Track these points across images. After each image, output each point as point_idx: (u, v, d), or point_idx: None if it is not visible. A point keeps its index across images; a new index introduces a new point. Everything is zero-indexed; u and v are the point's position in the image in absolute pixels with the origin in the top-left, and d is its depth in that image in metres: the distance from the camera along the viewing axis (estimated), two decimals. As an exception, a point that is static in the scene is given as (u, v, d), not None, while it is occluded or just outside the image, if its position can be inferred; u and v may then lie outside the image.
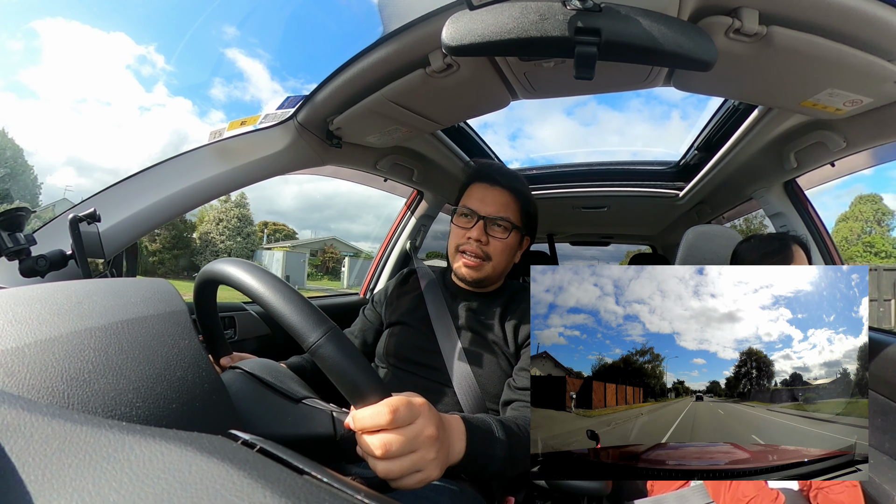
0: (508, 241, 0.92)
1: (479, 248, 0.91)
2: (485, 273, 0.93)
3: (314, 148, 1.21)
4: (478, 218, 0.91)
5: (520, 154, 19.87)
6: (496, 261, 0.92)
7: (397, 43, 0.87)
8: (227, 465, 0.23)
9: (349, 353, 0.41)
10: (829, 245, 1.43)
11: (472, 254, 0.91)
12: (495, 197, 0.93)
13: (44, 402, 0.29)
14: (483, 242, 0.90)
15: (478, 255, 0.91)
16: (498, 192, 0.93)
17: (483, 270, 0.92)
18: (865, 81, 0.82)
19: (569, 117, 63.72)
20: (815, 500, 0.90)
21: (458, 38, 0.64)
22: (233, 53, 31.99)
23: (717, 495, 0.88)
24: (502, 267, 0.95)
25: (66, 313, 0.36)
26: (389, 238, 2.06)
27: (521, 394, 0.82)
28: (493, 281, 0.98)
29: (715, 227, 1.32)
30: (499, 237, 0.91)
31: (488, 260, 0.92)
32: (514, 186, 0.94)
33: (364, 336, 1.05)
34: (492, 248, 0.91)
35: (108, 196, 0.97)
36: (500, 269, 0.95)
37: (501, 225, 0.91)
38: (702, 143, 1.54)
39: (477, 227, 0.90)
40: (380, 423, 0.42)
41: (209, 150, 1.09)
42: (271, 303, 0.41)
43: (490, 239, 0.91)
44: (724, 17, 0.72)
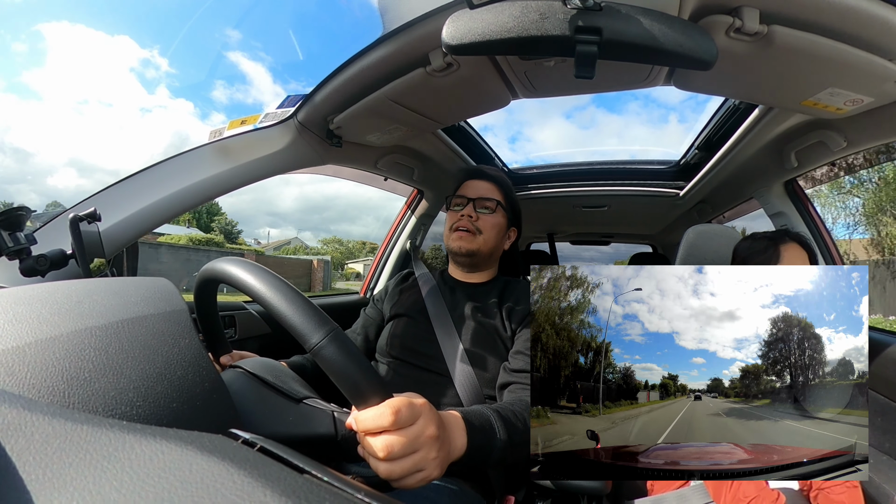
0: (496, 218, 1.05)
1: (470, 223, 1.03)
2: (476, 245, 1.03)
3: (314, 147, 1.21)
4: (468, 200, 1.05)
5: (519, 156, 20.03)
6: (486, 235, 1.04)
7: (397, 42, 0.87)
8: (228, 464, 0.23)
9: (351, 355, 0.41)
10: (830, 244, 1.43)
11: (465, 228, 1.03)
12: (482, 185, 1.08)
13: (44, 401, 0.29)
14: (473, 218, 1.04)
15: (469, 228, 1.03)
16: (484, 182, 1.08)
17: (475, 242, 1.03)
18: (866, 81, 0.82)
19: (568, 120, 63.76)
20: (816, 500, 0.90)
21: (459, 37, 0.64)
22: (235, 56, 32.07)
23: (717, 496, 0.88)
24: (492, 242, 1.05)
25: (67, 312, 0.36)
26: (389, 237, 2.06)
27: (517, 376, 0.84)
28: (485, 259, 1.06)
29: (715, 227, 1.31)
30: (486, 213, 1.05)
31: (479, 233, 1.03)
32: (497, 178, 1.10)
33: (366, 332, 1.10)
34: (481, 223, 1.04)
35: (109, 195, 0.97)
36: (491, 245, 1.05)
37: (488, 205, 1.05)
38: (702, 142, 1.54)
39: (468, 207, 1.04)
40: (382, 424, 0.42)
41: (209, 150, 1.09)
42: (273, 303, 0.41)
43: (479, 216, 1.04)
44: (724, 16, 0.71)
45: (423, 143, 1.52)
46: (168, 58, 26.20)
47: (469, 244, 1.02)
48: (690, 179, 1.80)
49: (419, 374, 0.92)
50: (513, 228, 1.12)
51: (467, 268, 1.07)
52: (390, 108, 1.07)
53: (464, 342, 0.93)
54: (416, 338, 0.97)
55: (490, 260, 1.08)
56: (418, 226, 2.01)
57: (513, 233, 1.13)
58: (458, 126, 1.56)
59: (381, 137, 1.26)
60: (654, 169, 1.95)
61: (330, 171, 1.49)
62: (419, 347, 0.95)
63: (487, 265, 1.09)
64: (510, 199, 1.09)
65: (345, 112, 1.09)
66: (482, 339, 0.94)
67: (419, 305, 1.03)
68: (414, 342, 0.96)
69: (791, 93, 0.91)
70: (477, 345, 0.93)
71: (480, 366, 0.91)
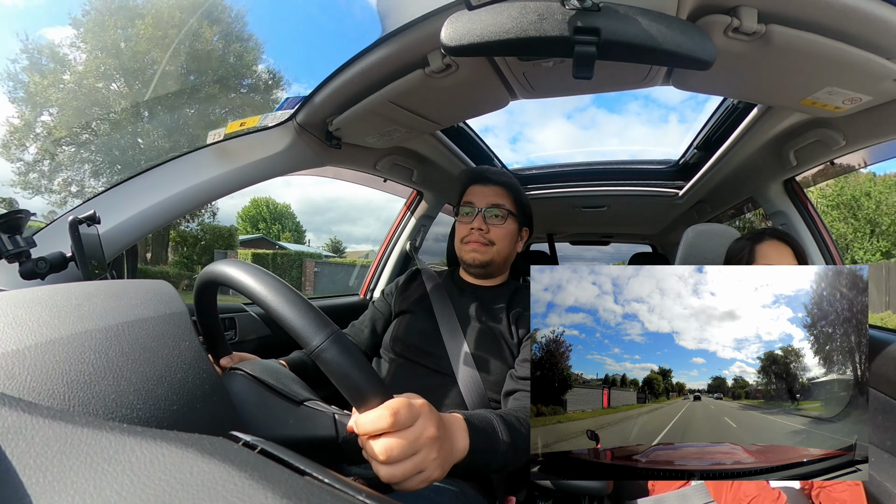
0: (507, 226, 1.02)
1: (481, 235, 1.00)
2: (490, 256, 1.01)
3: (313, 149, 1.21)
4: (477, 211, 1.01)
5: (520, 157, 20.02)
6: (499, 245, 1.01)
7: (396, 43, 0.87)
8: (229, 466, 0.23)
9: (352, 357, 0.41)
10: (829, 242, 1.43)
11: (477, 242, 1.00)
12: (490, 192, 1.04)
13: (45, 404, 0.29)
14: (484, 231, 1.00)
15: (481, 241, 1.00)
16: (491, 188, 1.04)
17: (489, 253, 1.01)
18: (865, 79, 0.82)
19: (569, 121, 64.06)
20: (818, 498, 0.90)
21: (457, 38, 0.64)
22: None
23: (718, 495, 0.88)
24: (505, 252, 1.03)
25: (67, 315, 0.36)
26: (389, 239, 2.06)
27: (522, 384, 0.84)
28: (499, 267, 1.05)
29: (715, 226, 1.31)
30: (498, 224, 1.02)
31: (492, 245, 1.01)
32: (505, 181, 1.06)
33: (374, 325, 1.10)
34: (493, 235, 1.01)
35: (108, 198, 0.97)
36: (504, 254, 1.03)
37: (499, 214, 1.01)
38: (701, 141, 1.54)
39: (477, 219, 1.01)
40: (381, 426, 0.42)
41: (209, 152, 1.09)
42: (273, 306, 0.41)
43: (490, 227, 1.01)
44: (722, 16, 0.71)
45: (422, 145, 1.52)
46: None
47: (483, 256, 1.00)
48: (690, 179, 1.80)
49: (423, 373, 0.92)
50: (525, 229, 1.10)
51: (481, 277, 1.07)
52: (389, 110, 1.07)
53: (469, 344, 0.93)
54: (421, 335, 0.97)
55: (504, 266, 1.07)
56: (418, 227, 2.01)
57: (525, 233, 1.10)
58: (457, 127, 1.56)
59: (380, 139, 1.26)
60: (653, 169, 1.95)
61: (330, 172, 1.49)
62: (424, 345, 0.95)
63: (501, 271, 1.08)
64: (520, 201, 1.06)
65: (344, 114, 1.09)
66: (487, 342, 0.93)
67: (425, 303, 1.03)
68: (419, 340, 0.96)
69: (789, 92, 0.91)
70: (482, 348, 0.93)
71: (484, 369, 0.90)
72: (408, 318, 1.02)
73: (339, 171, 1.49)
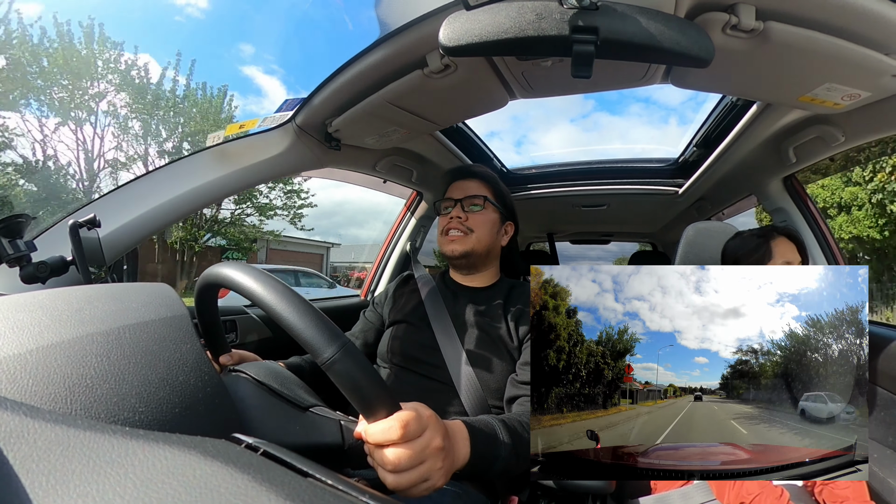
0: (486, 214, 1.02)
1: (460, 223, 1.00)
2: (470, 245, 1.00)
3: (313, 150, 1.21)
4: (455, 202, 1.03)
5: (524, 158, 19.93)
6: (479, 232, 1.00)
7: (394, 44, 0.87)
8: (231, 468, 0.23)
9: (363, 369, 0.41)
10: (829, 240, 1.43)
11: (456, 229, 1.00)
12: (468, 184, 1.05)
13: (46, 408, 0.29)
14: (463, 219, 1.01)
15: (460, 229, 1.00)
16: (470, 182, 1.06)
17: (468, 242, 1.00)
18: (863, 75, 0.82)
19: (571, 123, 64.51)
20: (821, 495, 0.90)
21: (455, 38, 0.64)
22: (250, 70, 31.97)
23: (721, 493, 0.88)
24: (486, 240, 1.02)
25: (68, 319, 0.36)
26: (389, 240, 2.06)
27: (525, 388, 0.83)
28: (481, 258, 1.03)
29: (715, 224, 1.31)
30: (476, 211, 1.02)
31: (471, 232, 1.00)
32: (482, 174, 1.07)
33: (365, 337, 1.07)
34: (471, 222, 1.01)
35: (108, 201, 0.97)
36: (485, 243, 1.02)
37: (476, 202, 1.02)
38: (700, 139, 1.54)
39: (456, 208, 1.02)
40: (391, 437, 0.43)
41: (208, 154, 1.09)
42: (284, 315, 0.41)
43: (468, 215, 1.01)
44: (720, 14, 0.71)
45: (421, 145, 1.52)
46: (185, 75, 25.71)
47: (462, 245, 0.99)
48: (689, 177, 1.80)
49: (422, 382, 0.90)
50: (508, 223, 1.08)
51: (465, 270, 1.04)
52: (388, 111, 1.07)
53: (467, 350, 0.91)
54: (417, 345, 0.94)
55: (488, 259, 1.04)
56: (418, 227, 2.01)
57: (509, 227, 1.08)
58: (456, 127, 1.56)
59: (380, 140, 1.26)
60: (652, 167, 1.95)
61: (338, 175, 1.50)
62: (421, 355, 0.92)
63: (486, 265, 1.05)
64: (498, 192, 1.06)
65: (343, 115, 1.09)
66: (487, 346, 0.91)
67: (420, 311, 0.99)
68: (416, 350, 0.93)
69: (788, 88, 0.91)
70: (481, 354, 0.91)
71: (485, 375, 0.88)
72: (403, 328, 0.99)
73: (347, 174, 1.49)
